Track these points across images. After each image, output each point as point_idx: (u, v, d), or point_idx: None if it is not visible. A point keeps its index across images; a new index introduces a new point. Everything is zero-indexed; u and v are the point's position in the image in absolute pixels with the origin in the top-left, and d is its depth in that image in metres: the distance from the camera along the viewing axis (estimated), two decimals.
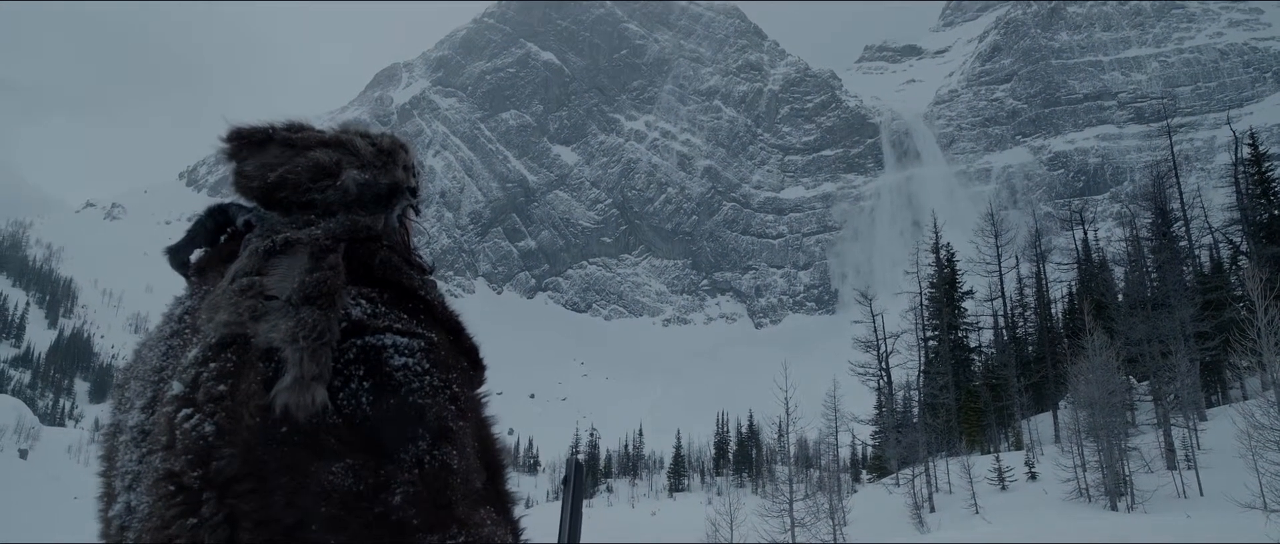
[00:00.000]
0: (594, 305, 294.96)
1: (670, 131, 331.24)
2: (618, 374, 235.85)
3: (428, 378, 0.93)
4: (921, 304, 35.69)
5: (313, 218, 1.03)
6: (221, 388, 0.88)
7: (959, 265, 37.49)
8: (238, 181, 1.09)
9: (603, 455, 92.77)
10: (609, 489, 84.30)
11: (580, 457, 1.23)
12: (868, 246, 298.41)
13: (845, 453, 50.59)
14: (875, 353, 34.39)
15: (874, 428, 38.90)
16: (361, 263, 1.02)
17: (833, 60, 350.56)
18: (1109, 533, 13.88)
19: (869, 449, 47.18)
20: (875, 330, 34.19)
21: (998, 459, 24.03)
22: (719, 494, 58.01)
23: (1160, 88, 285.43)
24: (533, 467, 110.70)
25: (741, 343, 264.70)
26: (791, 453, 26.07)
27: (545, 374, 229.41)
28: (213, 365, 0.90)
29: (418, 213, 1.29)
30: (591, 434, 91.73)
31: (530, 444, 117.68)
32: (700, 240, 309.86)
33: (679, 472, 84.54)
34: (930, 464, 25.83)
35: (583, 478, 1.22)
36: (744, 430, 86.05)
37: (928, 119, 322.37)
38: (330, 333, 0.88)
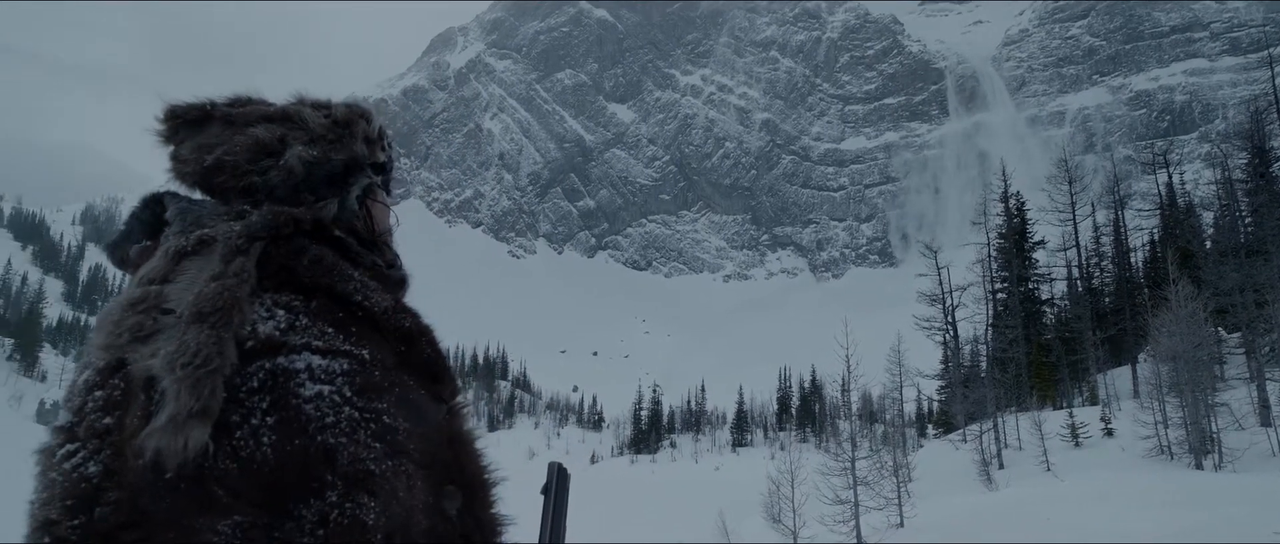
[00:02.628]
0: (654, 263, 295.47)
1: (727, 85, 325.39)
2: (679, 331, 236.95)
3: (346, 410, 0.77)
4: (989, 255, 34.40)
5: (246, 208, 0.89)
6: (107, 421, 0.75)
7: (1029, 214, 35.91)
8: (174, 167, 0.97)
9: (665, 411, 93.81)
10: (673, 444, 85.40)
11: (562, 462, 1.12)
12: (932, 197, 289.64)
13: (910, 408, 49.82)
14: (941, 306, 33.42)
15: (940, 383, 38.10)
16: (283, 264, 0.86)
17: (894, 4, 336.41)
18: (1193, 492, 13.21)
19: (935, 404, 46.32)
20: (940, 283, 33.16)
21: (1071, 415, 23.16)
22: (782, 449, 58.01)
23: (1261, 14, 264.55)
24: (597, 423, 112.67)
25: (803, 297, 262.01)
26: (854, 410, 25.63)
27: (607, 332, 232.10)
28: (98, 393, 0.77)
29: (388, 191, 1.14)
30: (654, 391, 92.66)
31: (594, 401, 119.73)
32: (759, 195, 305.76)
33: (742, 427, 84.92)
34: (999, 419, 25.12)
35: (566, 485, 1.10)
36: (806, 386, 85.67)
37: (996, 62, 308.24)
38: (219, 357, 0.73)
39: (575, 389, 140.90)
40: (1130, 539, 10.21)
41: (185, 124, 0.97)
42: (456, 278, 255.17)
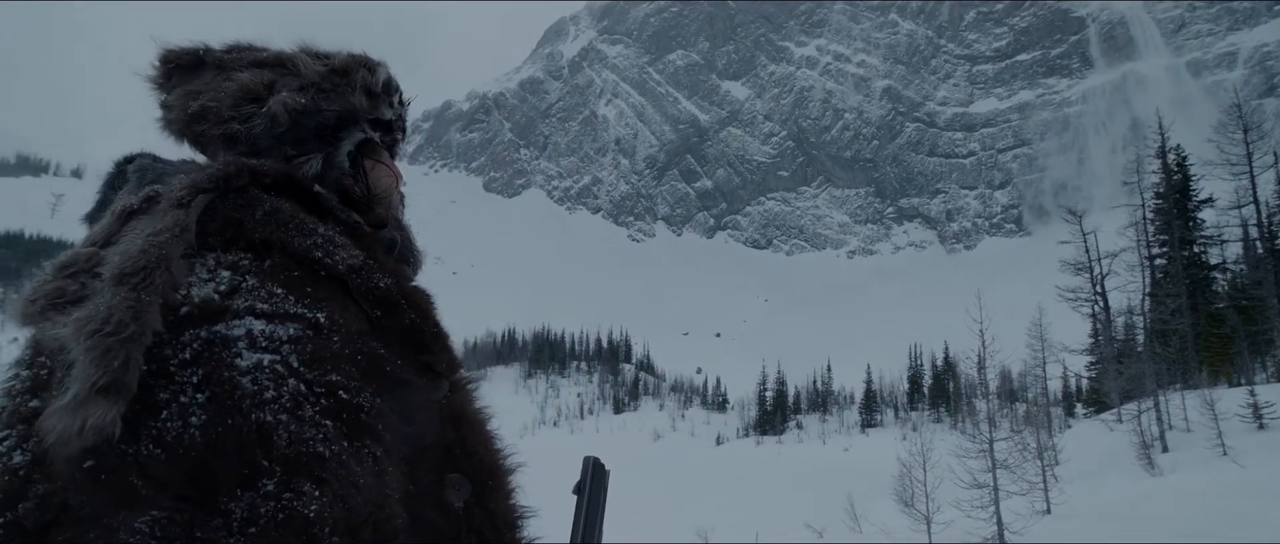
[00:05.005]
0: (775, 241, 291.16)
1: (843, 54, 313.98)
2: (803, 309, 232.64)
3: (291, 383, 0.64)
4: (1144, 218, 31.25)
5: (209, 163, 0.80)
6: (34, 403, 0.64)
7: (1193, 170, 32.35)
8: (162, 116, 0.89)
9: (790, 392, 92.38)
10: (799, 426, 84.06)
11: (598, 456, 0.97)
12: (1074, 159, 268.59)
13: (1055, 386, 46.54)
14: (1088, 275, 30.78)
15: (1090, 358, 35.24)
16: (231, 219, 0.74)
17: None
18: None
19: (1084, 382, 43.02)
20: (1087, 251, 30.52)
21: (1252, 393, 20.61)
22: (914, 430, 55.75)
23: None
24: (722, 405, 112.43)
25: (933, 271, 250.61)
26: (991, 387, 24.04)
27: (729, 313, 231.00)
28: (26, 372, 0.67)
29: (394, 153, 1.02)
30: (778, 371, 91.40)
31: (718, 382, 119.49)
32: (883, 166, 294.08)
33: (870, 407, 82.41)
34: (1161, 398, 22.80)
35: (602, 482, 0.95)
36: (939, 363, 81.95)
37: (1147, 3, 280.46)
38: (134, 323, 0.61)
39: (699, 371, 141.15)
40: None
41: (178, 69, 0.90)
42: (578, 264, 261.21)
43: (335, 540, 0.59)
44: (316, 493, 0.59)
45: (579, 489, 0.94)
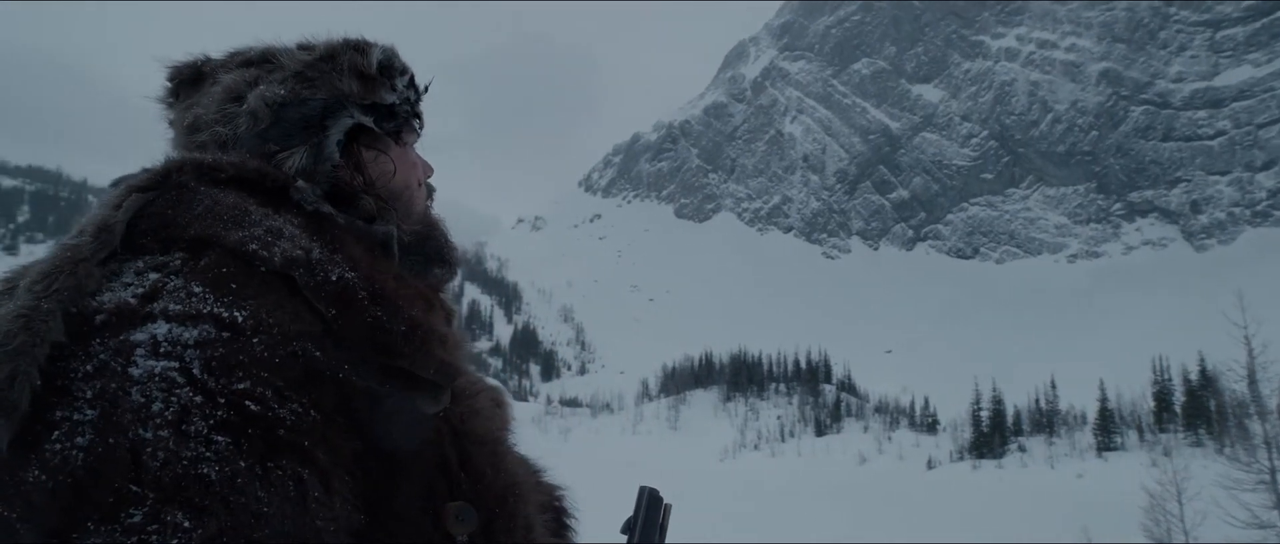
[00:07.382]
0: (982, 249, 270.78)
1: (1049, 40, 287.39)
2: (1018, 321, 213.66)
3: (183, 393, 0.55)
4: None
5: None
6: None
7: None
8: (172, 134, 0.87)
9: (1009, 412, 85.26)
10: (1021, 449, 77.36)
11: (654, 487, 0.83)
12: None
13: None
14: None
15: None
16: (166, 217, 0.68)
17: None
18: None
19: None
20: None
21: None
22: (1166, 455, 49.12)
23: None
24: (932, 426, 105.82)
25: (1177, 271, 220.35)
26: (1273, 405, 20.81)
27: (935, 328, 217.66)
28: None
29: (398, 139, 0.91)
30: (993, 389, 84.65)
31: (926, 402, 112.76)
32: (1104, 158, 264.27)
33: (1107, 428, 73.94)
34: None
35: (657, 517, 0.81)
36: (1193, 377, 72.01)
37: None
38: (24, 333, 0.56)
39: (904, 390, 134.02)
40: None
41: (183, 84, 0.87)
42: (772, 284, 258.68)
43: None
44: (187, 524, 0.50)
45: (629, 527, 0.81)
